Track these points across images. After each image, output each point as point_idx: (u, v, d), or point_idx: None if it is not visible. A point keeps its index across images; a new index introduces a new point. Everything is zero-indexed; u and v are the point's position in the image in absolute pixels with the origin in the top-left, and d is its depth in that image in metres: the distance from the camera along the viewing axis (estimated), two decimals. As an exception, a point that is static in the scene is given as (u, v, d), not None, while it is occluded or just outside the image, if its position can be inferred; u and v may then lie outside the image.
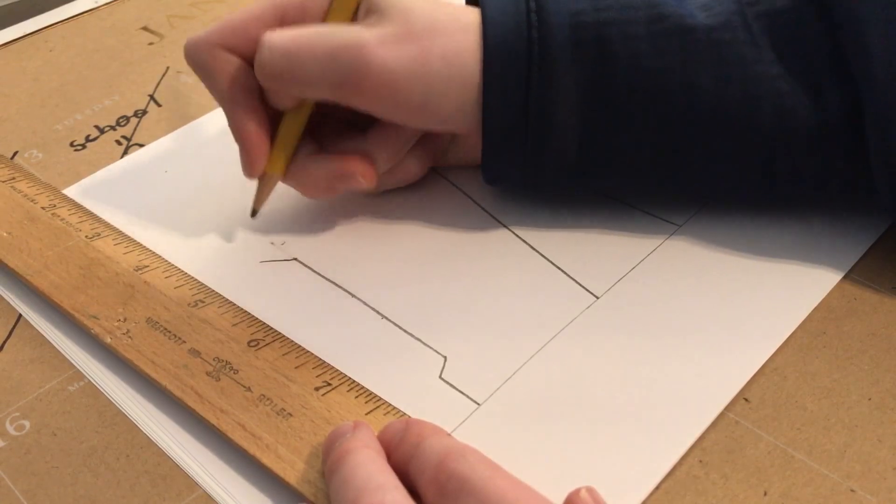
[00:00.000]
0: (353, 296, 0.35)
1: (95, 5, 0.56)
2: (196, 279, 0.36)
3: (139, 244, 0.37)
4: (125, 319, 0.33)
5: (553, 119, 0.34)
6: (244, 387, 0.30)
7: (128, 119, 0.46)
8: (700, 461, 0.29)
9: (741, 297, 0.34)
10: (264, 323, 0.33)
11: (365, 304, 0.34)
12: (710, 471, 0.28)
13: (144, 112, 0.46)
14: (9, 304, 0.36)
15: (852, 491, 0.28)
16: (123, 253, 0.36)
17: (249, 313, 0.34)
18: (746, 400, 0.30)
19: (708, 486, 0.28)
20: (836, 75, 0.32)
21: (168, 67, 0.50)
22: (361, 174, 0.36)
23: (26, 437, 0.31)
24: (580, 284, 0.35)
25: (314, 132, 0.37)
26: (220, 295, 0.35)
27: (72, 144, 0.44)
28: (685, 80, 0.33)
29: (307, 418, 0.29)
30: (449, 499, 0.24)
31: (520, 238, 0.37)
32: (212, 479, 0.29)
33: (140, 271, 0.35)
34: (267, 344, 0.32)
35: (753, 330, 0.33)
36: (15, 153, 0.44)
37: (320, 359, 0.32)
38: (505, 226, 0.38)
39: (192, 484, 0.29)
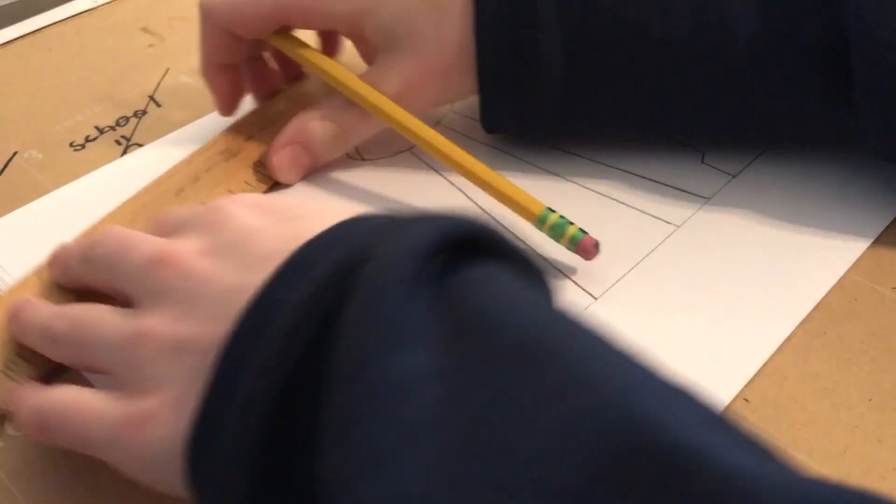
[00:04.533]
0: (352, 296, 0.35)
1: (95, 5, 0.56)
2: None
3: None
4: None
5: (540, 70, 0.36)
6: None
7: (127, 119, 0.46)
8: (700, 462, 0.29)
9: (740, 298, 0.34)
10: None
11: (364, 304, 0.34)
12: (711, 471, 0.28)
13: (144, 112, 0.46)
14: (8, 304, 0.36)
15: (853, 491, 0.28)
16: None
17: None
18: (746, 400, 0.30)
19: (708, 487, 0.28)
20: (818, 7, 0.33)
21: (168, 69, 0.50)
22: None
23: (25, 438, 0.30)
24: (578, 285, 0.35)
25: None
26: None
27: (71, 145, 0.44)
28: (663, 25, 0.35)
29: None
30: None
31: (519, 239, 0.37)
32: (211, 479, 0.29)
33: None
34: None
35: (753, 330, 0.32)
36: (14, 154, 0.44)
37: None
38: (505, 227, 0.38)
39: (191, 484, 0.29)
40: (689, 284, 0.34)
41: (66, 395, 0.26)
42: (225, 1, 0.38)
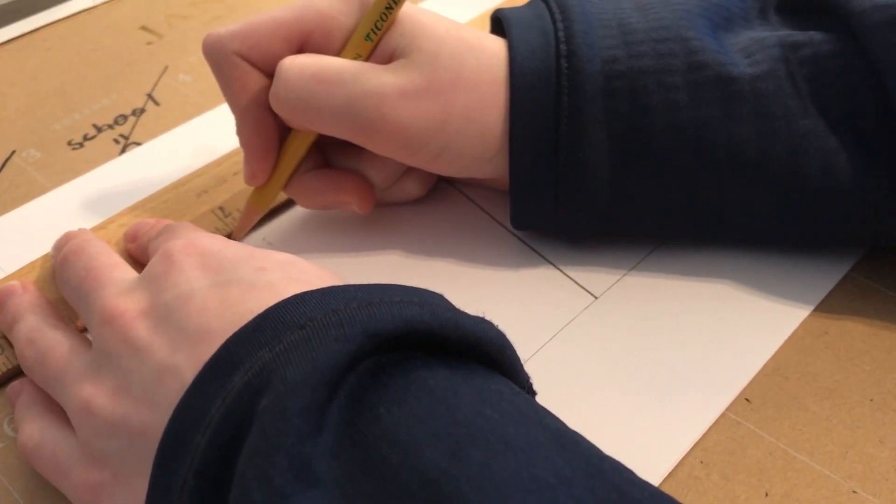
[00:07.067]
0: (352, 296, 0.35)
1: (93, 4, 0.56)
2: None
3: None
4: None
5: (584, 173, 0.32)
6: None
7: (126, 118, 0.46)
8: (701, 462, 0.29)
9: (742, 296, 0.34)
10: None
11: (364, 304, 0.34)
12: (712, 471, 0.28)
13: (143, 111, 0.46)
14: (6, 303, 0.36)
15: (854, 492, 0.28)
16: None
17: None
18: (748, 400, 0.30)
19: (709, 487, 0.28)
20: (884, 131, 0.31)
21: (167, 66, 0.50)
22: (358, 204, 0.36)
23: (23, 438, 0.30)
24: (579, 285, 0.35)
25: (318, 141, 0.36)
26: None
27: (70, 143, 0.44)
28: (726, 133, 0.31)
29: None
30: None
31: (518, 238, 0.37)
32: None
33: None
34: None
35: (755, 329, 0.32)
36: (12, 153, 0.44)
37: None
38: (504, 226, 0.37)
39: (190, 485, 0.29)
40: (689, 285, 0.34)
41: (36, 437, 0.28)
42: (231, 27, 0.33)
